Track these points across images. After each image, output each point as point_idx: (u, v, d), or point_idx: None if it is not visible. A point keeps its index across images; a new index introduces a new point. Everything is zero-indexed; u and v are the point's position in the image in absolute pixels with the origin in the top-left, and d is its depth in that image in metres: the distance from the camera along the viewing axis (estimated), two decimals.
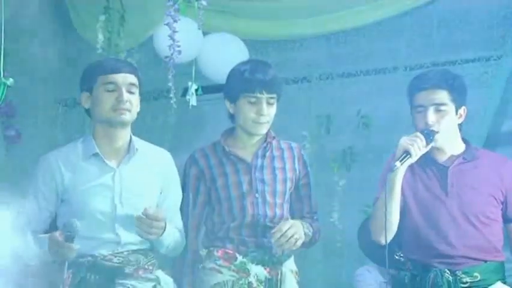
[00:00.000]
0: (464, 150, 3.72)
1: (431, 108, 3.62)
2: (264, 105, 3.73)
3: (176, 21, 4.10)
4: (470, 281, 3.61)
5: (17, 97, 4.78)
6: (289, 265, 3.80)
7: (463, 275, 3.61)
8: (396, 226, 3.64)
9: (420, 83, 3.67)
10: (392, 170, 3.51)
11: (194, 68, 4.84)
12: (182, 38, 4.19)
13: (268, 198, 3.76)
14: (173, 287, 3.65)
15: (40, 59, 4.97)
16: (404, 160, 3.53)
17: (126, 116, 3.53)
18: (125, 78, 3.54)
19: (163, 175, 3.66)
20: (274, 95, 3.75)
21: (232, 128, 3.85)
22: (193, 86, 4.72)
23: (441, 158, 3.70)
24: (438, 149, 3.68)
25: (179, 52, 4.17)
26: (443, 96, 3.63)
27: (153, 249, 3.63)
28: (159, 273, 3.61)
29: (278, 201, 3.78)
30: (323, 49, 5.17)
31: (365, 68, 5.13)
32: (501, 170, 3.72)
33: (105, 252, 3.51)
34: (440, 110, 3.62)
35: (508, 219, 3.72)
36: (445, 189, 3.65)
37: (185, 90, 4.83)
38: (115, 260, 3.51)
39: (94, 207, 3.50)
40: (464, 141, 3.77)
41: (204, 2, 4.15)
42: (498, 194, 3.68)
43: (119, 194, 3.53)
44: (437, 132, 3.61)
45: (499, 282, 3.67)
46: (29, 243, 3.46)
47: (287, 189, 3.82)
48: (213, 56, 4.80)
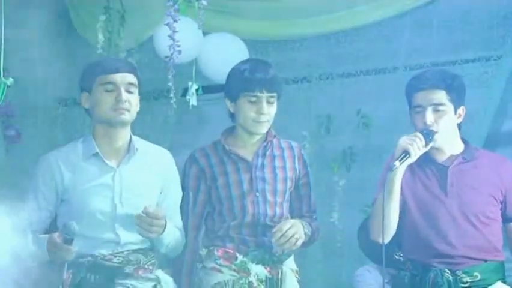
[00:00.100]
0: (464, 150, 3.73)
1: (430, 108, 3.62)
2: (264, 104, 3.73)
3: (177, 21, 4.11)
4: (470, 280, 3.61)
5: (17, 97, 4.77)
6: (290, 264, 3.80)
7: (463, 275, 3.61)
8: (395, 226, 3.64)
9: (418, 83, 3.67)
10: (392, 169, 3.51)
11: (194, 68, 4.84)
12: (183, 38, 4.20)
13: (269, 197, 3.76)
14: (173, 287, 3.65)
15: (40, 59, 4.97)
16: (403, 160, 3.53)
17: (125, 116, 3.53)
18: (124, 77, 3.54)
19: (163, 175, 3.66)
20: (275, 94, 3.75)
21: (233, 127, 3.85)
22: (193, 86, 4.72)
23: (440, 158, 3.70)
24: (438, 149, 3.68)
25: (179, 52, 4.18)
26: (442, 96, 3.63)
27: (153, 248, 3.62)
28: (159, 272, 3.61)
29: (278, 200, 3.78)
30: (323, 49, 5.16)
31: (365, 68, 5.12)
32: (500, 170, 3.72)
33: (105, 252, 3.51)
34: (438, 110, 3.62)
35: (507, 218, 3.73)
36: (445, 189, 3.65)
37: (185, 90, 4.84)
38: (115, 259, 3.51)
39: (93, 207, 3.50)
40: (463, 141, 3.77)
41: (204, 1, 4.16)
42: (497, 194, 3.68)
43: (119, 194, 3.53)
44: (436, 132, 3.61)
45: (499, 281, 3.67)
46: (28, 243, 3.44)
47: (287, 188, 3.82)
48: (213, 56, 4.79)
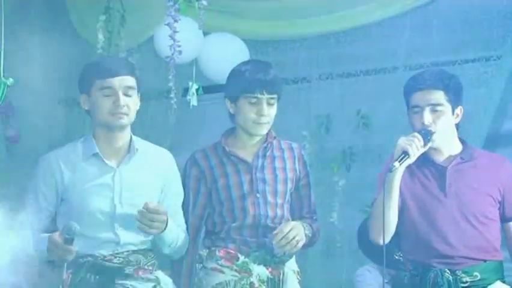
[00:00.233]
0: (462, 150, 3.73)
1: (427, 109, 3.62)
2: (265, 105, 3.72)
3: (177, 21, 4.11)
4: (470, 280, 3.62)
5: (17, 97, 4.77)
6: (291, 265, 3.80)
7: (463, 275, 3.62)
8: (394, 227, 3.64)
9: (416, 83, 3.67)
10: (391, 170, 3.51)
11: (194, 68, 4.84)
12: (183, 38, 4.20)
13: (269, 198, 3.75)
14: None
15: (40, 59, 4.96)
16: (402, 161, 3.53)
17: (124, 120, 3.53)
18: (122, 81, 3.52)
19: (164, 175, 3.66)
20: (275, 96, 3.75)
21: (233, 128, 3.84)
22: (193, 86, 4.72)
23: (439, 158, 3.71)
24: (436, 149, 3.68)
25: (179, 52, 4.18)
26: (439, 96, 3.63)
27: (153, 249, 3.62)
28: (159, 273, 3.60)
29: (279, 201, 3.78)
30: (323, 49, 5.16)
31: (365, 68, 5.12)
32: (499, 170, 3.73)
33: (105, 252, 3.51)
34: (436, 110, 3.63)
35: (505, 218, 3.73)
36: (443, 189, 3.65)
37: (185, 91, 4.83)
38: (115, 260, 3.52)
39: (93, 206, 3.50)
40: (461, 141, 3.77)
41: (205, 2, 4.16)
42: (496, 194, 3.68)
43: (119, 194, 3.53)
44: (434, 132, 3.61)
45: (498, 281, 3.67)
46: (28, 243, 3.44)
47: (288, 189, 3.81)
48: (214, 56, 4.80)
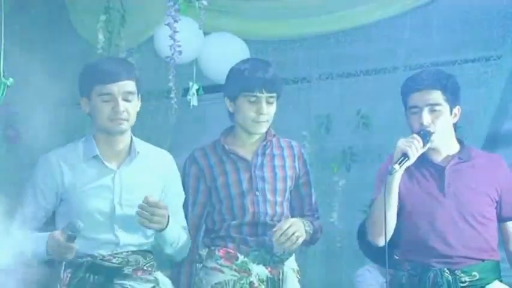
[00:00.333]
0: (460, 150, 3.74)
1: (426, 109, 3.62)
2: (264, 104, 3.72)
3: (177, 21, 4.12)
4: (469, 280, 3.62)
5: (17, 97, 4.76)
6: (291, 264, 3.80)
7: (462, 274, 3.62)
8: (393, 228, 3.64)
9: (413, 84, 3.68)
10: (391, 173, 3.52)
11: (195, 68, 4.84)
12: (183, 38, 4.20)
13: (269, 196, 3.75)
14: None
15: (40, 59, 4.96)
16: (402, 163, 3.54)
17: (123, 126, 3.53)
18: (122, 87, 3.51)
19: (164, 176, 3.66)
20: (274, 94, 3.75)
21: (232, 126, 3.85)
22: (194, 86, 4.71)
23: (437, 158, 3.71)
24: (434, 149, 3.68)
25: (180, 52, 4.18)
26: (437, 96, 3.64)
27: (153, 251, 3.61)
28: (158, 274, 3.60)
29: (278, 200, 3.78)
30: (323, 49, 5.16)
31: (365, 68, 5.13)
32: (496, 170, 3.74)
33: (104, 252, 3.51)
34: (434, 110, 3.63)
35: (502, 218, 3.74)
36: (442, 189, 3.66)
37: (185, 91, 4.83)
38: (114, 260, 3.51)
39: (92, 207, 3.50)
40: (458, 141, 3.77)
41: (205, 1, 4.16)
42: (494, 194, 3.69)
43: (119, 195, 3.53)
44: (433, 132, 3.62)
45: (497, 281, 3.68)
46: (27, 242, 3.44)
47: (287, 187, 3.81)
48: (214, 56, 4.79)
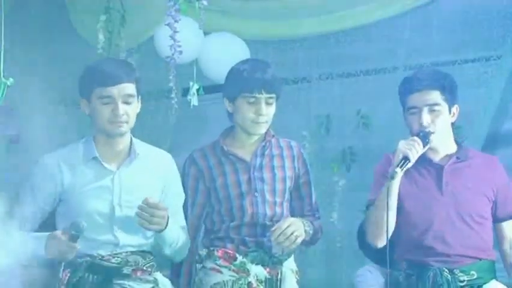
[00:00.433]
0: (457, 150, 3.75)
1: (425, 109, 3.63)
2: (263, 105, 3.71)
3: (177, 22, 4.11)
4: (467, 279, 3.63)
5: (17, 97, 4.76)
6: (290, 264, 3.80)
7: (461, 274, 3.63)
8: (392, 229, 3.64)
9: (412, 85, 3.68)
10: (393, 177, 3.52)
11: (195, 68, 4.84)
12: (183, 38, 4.20)
13: (268, 197, 3.75)
14: None
15: (40, 59, 4.96)
16: (404, 166, 3.54)
17: (123, 128, 3.53)
18: (122, 90, 3.50)
19: (164, 178, 3.65)
20: (273, 95, 3.74)
21: (231, 127, 3.84)
22: (194, 86, 4.71)
23: (435, 157, 3.72)
24: (433, 148, 3.69)
25: (180, 52, 4.18)
26: (436, 96, 3.64)
27: (152, 251, 3.61)
28: (157, 275, 3.60)
29: (278, 200, 3.77)
30: (323, 49, 5.17)
31: (365, 68, 5.13)
32: (493, 170, 3.76)
33: (103, 252, 3.51)
34: (433, 110, 3.64)
35: (497, 219, 3.75)
36: (440, 188, 3.67)
37: (186, 91, 4.83)
38: (113, 260, 3.51)
39: (92, 208, 3.50)
40: (455, 141, 3.79)
41: (205, 2, 4.16)
42: (490, 194, 3.71)
43: (119, 196, 3.53)
44: (433, 132, 3.63)
45: (494, 280, 3.70)
46: (26, 242, 3.44)
47: (287, 187, 3.81)
48: (214, 56, 4.78)
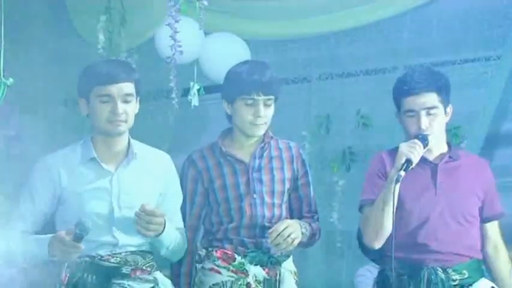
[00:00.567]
0: (449, 150, 3.76)
1: (423, 113, 3.62)
2: (261, 107, 3.70)
3: (178, 22, 4.12)
4: (459, 278, 3.64)
5: (17, 97, 4.77)
6: (288, 265, 3.79)
7: (453, 273, 3.64)
8: (390, 230, 3.62)
9: (409, 87, 3.65)
10: (398, 180, 3.51)
11: (196, 68, 4.84)
12: (184, 38, 4.20)
13: (266, 198, 3.74)
14: None
15: (40, 59, 4.97)
16: (407, 169, 3.54)
17: (122, 128, 3.52)
18: (121, 89, 3.49)
19: (163, 178, 3.65)
20: (272, 97, 3.72)
21: (230, 128, 3.83)
22: (195, 86, 4.71)
23: (429, 156, 3.71)
24: (428, 148, 3.69)
25: (180, 52, 4.19)
26: (433, 99, 3.63)
27: (152, 251, 3.62)
28: (157, 274, 3.60)
29: (276, 202, 3.76)
30: (323, 49, 5.17)
31: (365, 68, 5.14)
32: (482, 171, 3.77)
33: (102, 252, 3.51)
34: (431, 113, 3.63)
35: (482, 219, 3.75)
36: (435, 186, 3.67)
37: (185, 91, 4.83)
38: (113, 260, 3.51)
39: (91, 210, 3.49)
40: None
41: (205, 2, 4.16)
42: (480, 194, 3.72)
43: (117, 197, 3.52)
44: (430, 134, 3.63)
45: (483, 278, 3.70)
46: (26, 244, 3.45)
47: (285, 189, 3.80)
48: (215, 56, 4.79)
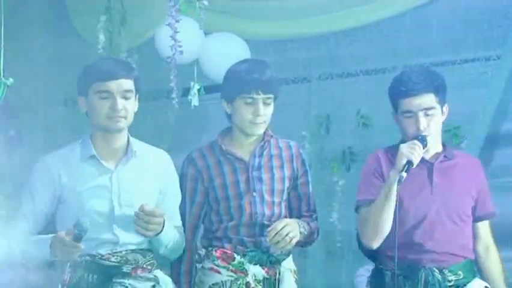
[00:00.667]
0: (444, 149, 3.76)
1: (421, 114, 3.63)
2: (261, 105, 3.70)
3: (178, 22, 4.12)
4: (454, 279, 3.65)
5: (17, 97, 4.77)
6: (288, 264, 3.79)
7: (449, 273, 3.65)
8: (388, 231, 3.63)
9: (407, 89, 3.64)
10: (401, 181, 3.51)
11: (196, 68, 4.84)
12: (184, 38, 4.20)
13: (266, 197, 3.74)
14: (172, 287, 3.65)
15: (40, 59, 4.97)
16: (409, 171, 3.54)
17: (121, 124, 3.53)
18: (120, 85, 3.51)
19: (162, 176, 3.66)
20: (271, 96, 3.73)
21: (229, 127, 3.83)
22: (195, 86, 4.71)
23: (426, 155, 3.71)
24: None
25: (181, 52, 4.19)
26: (431, 100, 3.63)
27: (152, 249, 3.62)
28: (158, 273, 3.60)
29: (276, 200, 3.77)
30: (323, 49, 5.17)
31: (365, 68, 5.13)
32: (475, 171, 3.79)
33: (103, 251, 3.51)
34: (428, 114, 3.63)
35: (475, 218, 3.76)
36: (430, 185, 3.68)
37: (186, 91, 4.83)
38: (113, 259, 3.51)
39: (91, 208, 3.50)
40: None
41: (205, 2, 4.16)
42: (473, 193, 3.73)
43: (117, 195, 3.53)
44: (429, 135, 3.63)
45: (476, 278, 3.71)
46: (27, 244, 3.46)
47: (285, 188, 3.80)
48: (215, 56, 4.78)
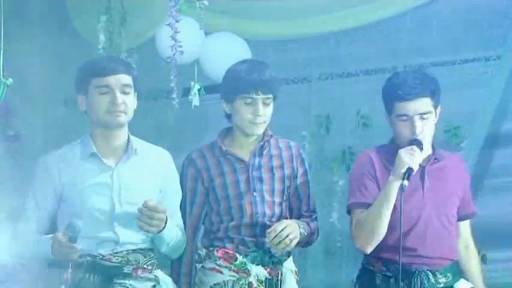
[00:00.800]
0: (434, 151, 3.75)
1: (417, 118, 3.62)
2: (260, 105, 3.70)
3: (178, 22, 4.12)
4: (444, 281, 3.67)
5: (16, 97, 4.77)
6: (289, 265, 3.80)
7: (440, 276, 3.66)
8: (384, 234, 3.62)
9: (403, 93, 3.62)
10: (404, 189, 3.50)
11: (196, 68, 4.83)
12: (184, 38, 4.20)
13: (267, 197, 3.74)
14: (172, 287, 3.65)
15: (40, 59, 4.97)
16: (410, 177, 3.53)
17: (121, 118, 3.53)
18: (119, 80, 3.52)
19: (162, 174, 3.66)
20: (270, 96, 3.72)
21: (229, 127, 3.83)
22: (195, 86, 4.71)
23: None
24: None
25: (181, 52, 4.18)
26: (427, 104, 3.63)
27: (153, 249, 3.63)
28: (158, 273, 3.61)
29: (276, 200, 3.76)
30: (323, 49, 5.17)
31: (365, 68, 5.13)
32: (461, 170, 3.80)
33: (104, 252, 3.51)
34: (424, 118, 3.63)
35: (459, 217, 3.76)
36: (422, 189, 3.67)
37: (186, 91, 4.83)
38: (114, 259, 3.51)
39: (92, 206, 3.50)
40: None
41: (206, 2, 4.16)
42: (460, 194, 3.74)
43: (118, 193, 3.53)
44: (424, 139, 3.63)
45: (462, 279, 3.73)
46: (29, 244, 3.47)
47: (285, 187, 3.80)
48: (215, 56, 4.78)
